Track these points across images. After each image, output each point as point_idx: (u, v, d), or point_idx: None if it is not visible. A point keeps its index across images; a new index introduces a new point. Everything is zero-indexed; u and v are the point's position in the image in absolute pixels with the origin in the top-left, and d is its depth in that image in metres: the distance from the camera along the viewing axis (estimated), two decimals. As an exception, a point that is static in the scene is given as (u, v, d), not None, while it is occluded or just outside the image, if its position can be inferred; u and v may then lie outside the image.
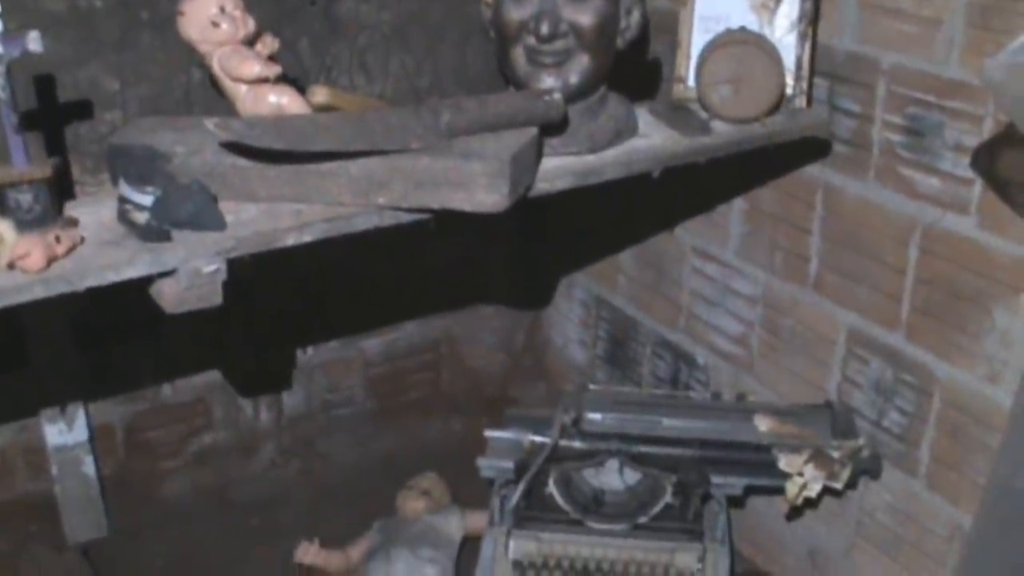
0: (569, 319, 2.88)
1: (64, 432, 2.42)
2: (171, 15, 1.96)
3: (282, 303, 2.34)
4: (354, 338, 2.70)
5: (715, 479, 2.12)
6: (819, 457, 2.09)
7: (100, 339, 2.37)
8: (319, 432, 2.73)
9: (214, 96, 1.95)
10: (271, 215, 1.63)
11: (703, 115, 1.98)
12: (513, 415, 2.24)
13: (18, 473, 2.46)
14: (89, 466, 2.46)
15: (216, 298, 1.58)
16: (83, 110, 1.96)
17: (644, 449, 2.14)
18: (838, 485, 2.09)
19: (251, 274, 1.60)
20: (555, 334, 2.95)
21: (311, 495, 2.64)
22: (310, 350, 2.65)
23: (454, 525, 2.44)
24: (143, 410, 2.53)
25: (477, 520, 2.38)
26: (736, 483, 2.15)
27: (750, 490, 2.18)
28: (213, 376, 2.56)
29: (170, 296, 1.56)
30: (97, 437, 2.46)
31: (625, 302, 2.68)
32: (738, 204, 2.32)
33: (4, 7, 1.58)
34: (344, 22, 2.14)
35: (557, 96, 1.75)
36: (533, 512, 2.10)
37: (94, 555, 2.46)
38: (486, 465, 2.16)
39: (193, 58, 1.89)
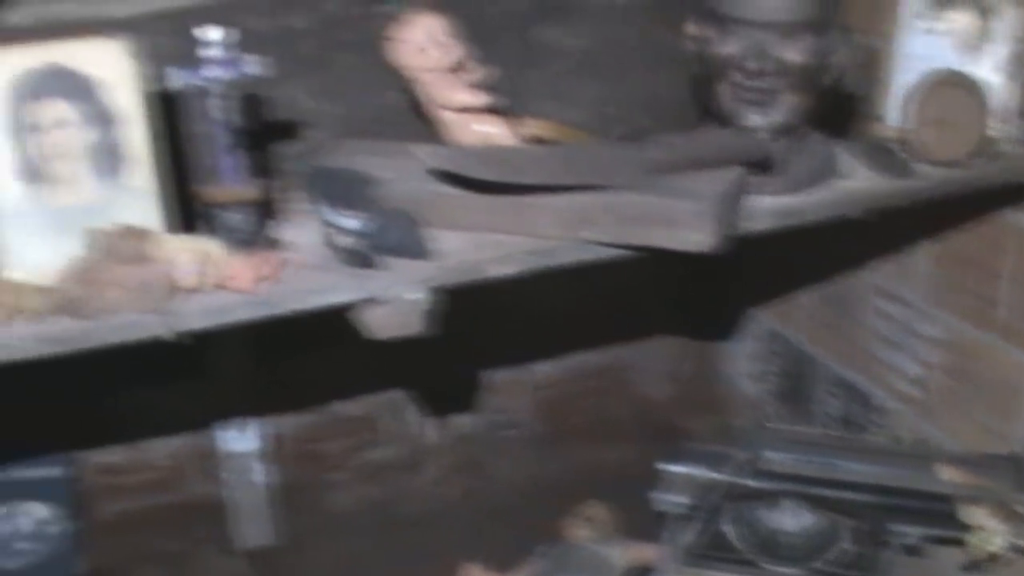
0: (742, 352, 2.84)
1: (237, 439, 2.47)
2: (368, 37, 1.99)
3: (455, 324, 2.34)
4: (524, 361, 2.70)
5: (892, 526, 2.07)
6: (1003, 510, 2.02)
7: (277, 352, 2.40)
8: (485, 453, 2.74)
9: (408, 119, 1.97)
10: (474, 245, 1.63)
11: (903, 156, 1.94)
12: (688, 449, 2.21)
13: (190, 476, 2.51)
14: (259, 474, 2.50)
15: (418, 326, 1.59)
16: (288, 130, 1.99)
17: (821, 491, 2.10)
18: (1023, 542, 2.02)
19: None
20: (726, 366, 2.91)
21: (474, 515, 2.64)
22: (480, 371, 2.66)
23: (618, 555, 2.41)
24: (314, 422, 2.56)
25: (641, 551, 2.35)
26: (913, 532, 2.09)
27: (927, 540, 2.12)
28: (384, 392, 2.58)
29: (373, 323, 1.57)
30: (268, 446, 2.50)
31: (801, 338, 2.64)
32: (926, 245, 2.26)
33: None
34: (538, 48, 2.14)
35: (765, 135, 1.73)
36: (706, 549, 2.08)
37: (260, 561, 2.50)
38: (660, 498, 2.14)
39: (388, 80, 1.91)
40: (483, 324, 2.55)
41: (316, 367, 2.47)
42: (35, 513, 2.35)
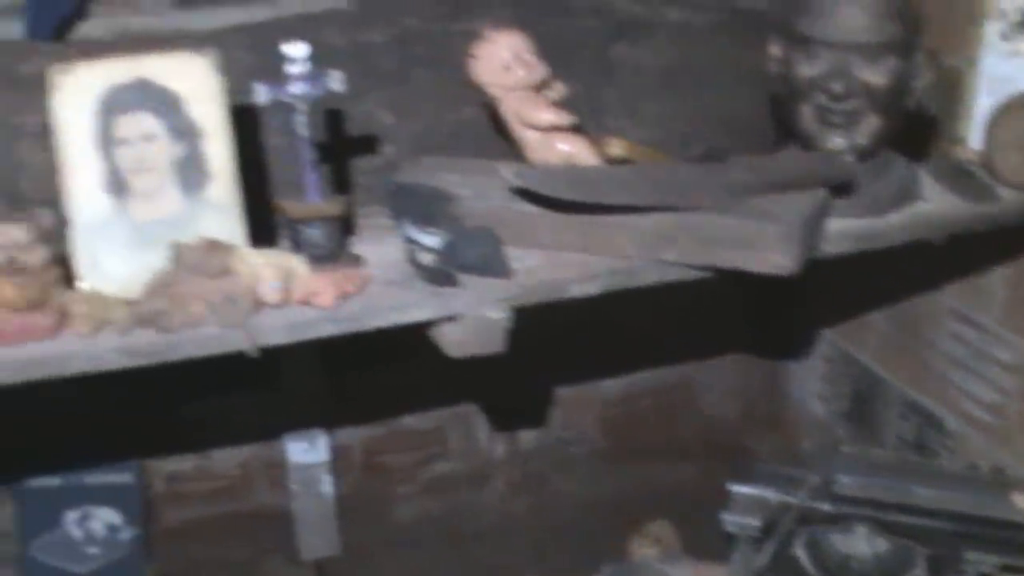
0: (811, 372, 2.81)
1: (306, 451, 2.47)
2: (446, 53, 2.00)
3: (523, 339, 2.34)
4: (591, 377, 2.69)
5: (967, 554, 2.04)
6: (1079, 540, 1.99)
7: (347, 364, 2.41)
8: (551, 469, 2.73)
9: (484, 136, 1.98)
10: (555, 264, 1.63)
11: (985, 180, 1.92)
12: (758, 470, 2.20)
13: (259, 486, 2.52)
14: (327, 485, 2.50)
15: (498, 345, 1.59)
16: (365, 144, 2.00)
17: (895, 517, 2.07)
18: (1100, 572, 1.99)
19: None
20: (795, 387, 2.88)
21: (539, 531, 2.63)
22: (548, 387, 2.65)
23: (683, 575, 2.41)
24: (382, 435, 2.56)
25: (707, 571, 2.34)
26: (988, 560, 2.05)
27: (1003, 569, 2.09)
28: (452, 406, 2.59)
29: (453, 341, 1.58)
30: (336, 458, 2.51)
31: (872, 360, 2.60)
32: (1002, 268, 2.23)
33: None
34: (615, 66, 2.14)
35: (850, 158, 1.72)
36: (777, 573, 2.06)
37: (325, 572, 2.51)
38: (731, 520, 2.11)
39: (465, 96, 1.91)
40: (551, 340, 2.54)
41: (385, 380, 2.47)
42: (106, 518, 2.37)
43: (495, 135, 1.94)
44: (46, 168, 1.85)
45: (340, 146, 1.96)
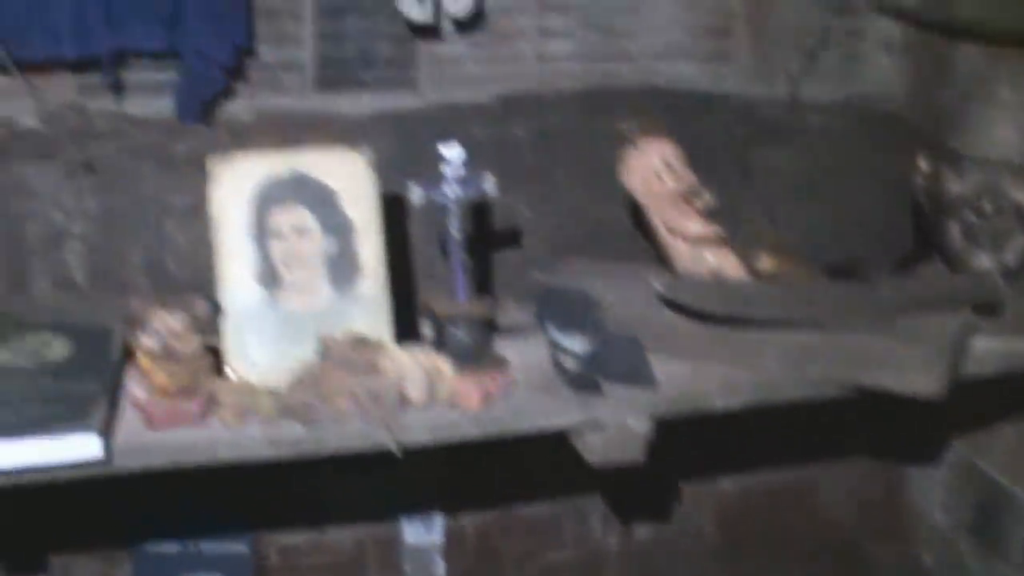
0: (934, 481, 2.75)
1: (421, 533, 2.48)
2: (585, 150, 2.00)
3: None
4: (709, 474, 2.67)
5: None
6: None
7: (467, 448, 2.41)
8: (664, 563, 2.70)
9: (622, 235, 1.98)
10: (698, 375, 1.63)
11: None
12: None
13: (371, 564, 2.52)
14: (439, 567, 2.51)
15: (639, 455, 1.58)
16: (508, 240, 2.00)
17: (1024, 642, 2.04)
18: None
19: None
20: (917, 494, 2.82)
21: (649, 626, 2.61)
22: (665, 481, 2.63)
23: None
24: (496, 520, 2.55)
25: None
26: None
27: None
28: (568, 495, 2.57)
29: (594, 449, 1.58)
30: (450, 541, 2.51)
31: (1001, 471, 2.55)
32: None
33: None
34: (755, 170, 2.13)
35: (999, 279, 1.70)
36: None
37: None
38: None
39: (603, 195, 1.92)
40: (670, 434, 2.53)
41: (503, 466, 2.48)
42: (219, 587, 2.39)
43: (633, 235, 1.94)
44: (191, 248, 1.90)
45: (482, 241, 1.97)
